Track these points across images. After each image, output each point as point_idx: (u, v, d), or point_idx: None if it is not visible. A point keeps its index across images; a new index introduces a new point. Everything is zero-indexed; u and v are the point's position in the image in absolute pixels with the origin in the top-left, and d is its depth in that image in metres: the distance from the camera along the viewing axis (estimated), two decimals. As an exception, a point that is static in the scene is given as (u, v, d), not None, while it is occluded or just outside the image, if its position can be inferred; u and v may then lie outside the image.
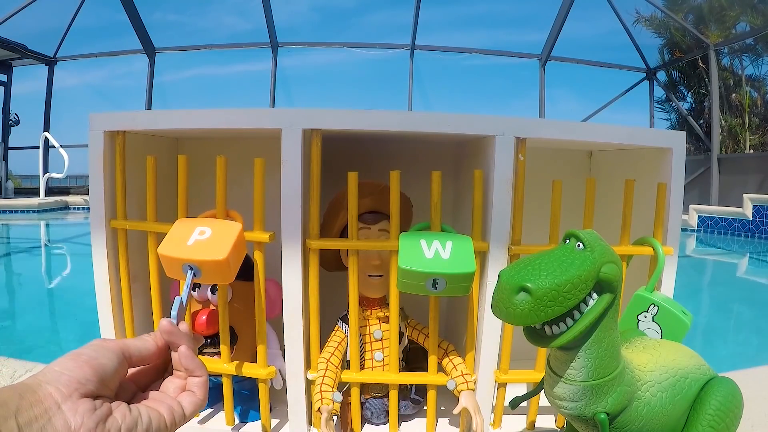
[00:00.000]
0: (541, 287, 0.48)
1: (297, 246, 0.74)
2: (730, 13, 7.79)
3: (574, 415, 0.55)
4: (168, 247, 0.66)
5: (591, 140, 0.81)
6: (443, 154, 1.07)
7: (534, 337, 0.53)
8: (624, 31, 8.14)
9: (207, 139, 1.02)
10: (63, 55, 8.09)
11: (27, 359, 1.08)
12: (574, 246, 0.52)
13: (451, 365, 0.80)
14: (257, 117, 0.75)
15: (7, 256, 3.73)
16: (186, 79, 17.03)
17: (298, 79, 12.13)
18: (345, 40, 8.75)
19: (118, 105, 14.88)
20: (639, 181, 0.80)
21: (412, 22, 7.94)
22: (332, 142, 0.81)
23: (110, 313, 0.81)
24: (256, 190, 0.73)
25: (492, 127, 0.75)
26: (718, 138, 7.10)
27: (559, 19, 7.57)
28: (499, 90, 15.85)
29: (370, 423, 0.85)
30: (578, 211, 0.78)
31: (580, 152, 1.10)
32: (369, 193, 0.81)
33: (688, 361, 0.61)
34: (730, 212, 5.06)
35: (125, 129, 0.79)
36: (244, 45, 8.48)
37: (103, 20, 10.24)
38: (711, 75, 7.17)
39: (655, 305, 0.74)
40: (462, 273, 0.68)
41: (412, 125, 0.75)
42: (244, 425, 0.82)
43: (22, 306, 2.47)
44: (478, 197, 0.77)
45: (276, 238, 0.75)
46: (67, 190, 7.91)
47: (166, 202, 0.87)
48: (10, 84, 7.89)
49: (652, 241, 0.79)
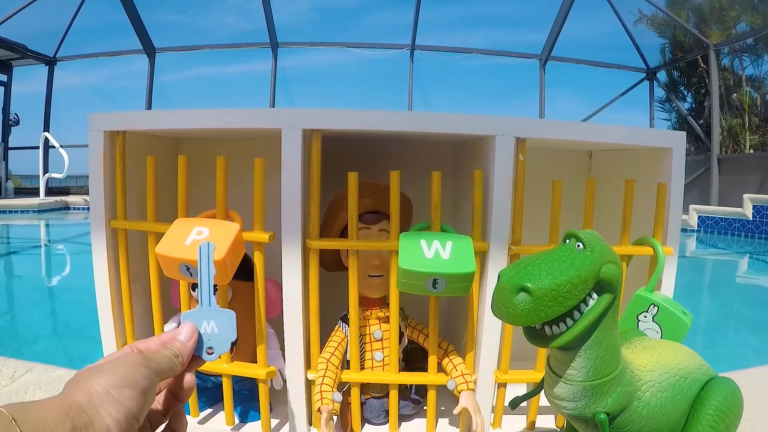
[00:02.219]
0: (540, 287, 0.48)
1: (297, 246, 0.74)
2: (731, 13, 7.78)
3: (574, 415, 0.55)
4: (166, 247, 0.66)
5: (591, 140, 0.81)
6: (443, 154, 1.07)
7: (534, 337, 0.53)
8: (624, 31, 8.14)
9: (207, 139, 1.02)
10: (63, 55, 8.08)
11: (27, 359, 1.08)
12: (574, 246, 0.52)
13: (451, 365, 0.80)
14: (257, 117, 0.75)
15: (7, 256, 3.73)
16: (186, 79, 17.03)
17: (298, 79, 12.14)
18: (345, 40, 8.75)
19: (118, 105, 14.88)
20: (639, 181, 0.80)
21: (412, 22, 7.94)
22: (332, 142, 0.81)
23: (110, 313, 0.81)
24: (256, 190, 0.73)
25: (492, 127, 0.75)
26: (718, 138, 7.09)
27: (559, 19, 7.56)
28: (499, 90, 15.82)
29: (370, 423, 0.85)
30: (578, 211, 0.78)
31: (580, 152, 1.10)
32: (369, 193, 0.81)
33: (688, 361, 0.61)
34: (730, 212, 5.06)
35: (125, 129, 0.79)
36: (244, 45, 8.48)
37: (103, 20, 10.24)
38: (711, 75, 7.17)
39: (655, 305, 0.74)
40: (462, 273, 0.68)
41: (412, 125, 0.75)
42: (244, 425, 0.82)
43: (22, 306, 2.47)
44: (478, 197, 0.77)
45: (276, 238, 0.75)
46: (67, 190, 7.90)
47: (166, 202, 0.87)
48: (10, 84, 7.88)
49: (652, 241, 0.79)
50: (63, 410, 0.29)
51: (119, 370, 0.34)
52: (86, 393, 0.31)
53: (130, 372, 0.34)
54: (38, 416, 0.28)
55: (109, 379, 0.33)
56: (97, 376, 0.33)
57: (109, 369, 0.34)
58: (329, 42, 8.72)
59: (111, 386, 0.32)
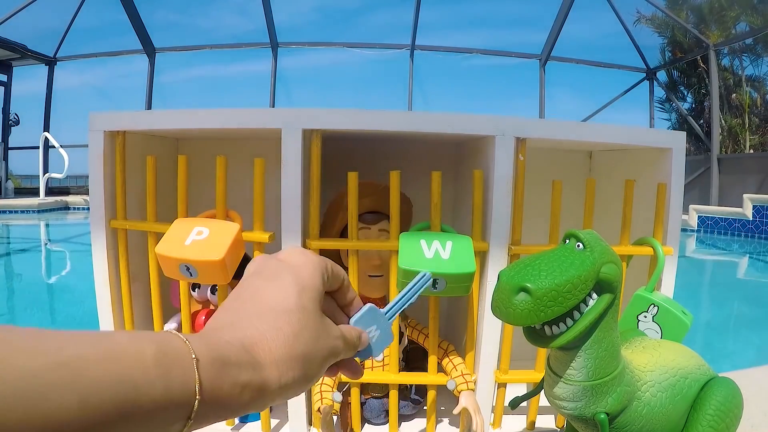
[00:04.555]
0: (540, 287, 0.48)
1: (297, 246, 0.74)
2: (730, 13, 7.79)
3: (574, 415, 0.55)
4: (165, 247, 0.66)
5: (591, 140, 0.81)
6: (443, 154, 1.07)
7: (534, 337, 0.53)
8: (624, 31, 8.14)
9: (207, 139, 1.02)
10: (63, 55, 8.08)
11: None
12: (574, 246, 0.52)
13: (451, 365, 0.80)
14: (257, 117, 0.75)
15: (7, 257, 3.73)
16: (186, 79, 17.03)
17: (298, 79, 12.16)
18: (345, 40, 8.75)
19: (118, 105, 14.87)
20: (639, 181, 0.80)
21: (412, 22, 7.94)
22: (332, 142, 0.81)
23: (110, 313, 0.81)
24: (256, 190, 0.73)
25: (492, 127, 0.75)
26: (718, 138, 7.09)
27: (559, 19, 7.56)
28: (499, 90, 15.83)
29: (370, 423, 0.85)
30: (578, 211, 0.78)
31: (580, 152, 1.10)
32: (369, 193, 0.81)
33: (688, 362, 0.60)
34: (730, 212, 5.06)
35: (125, 129, 0.79)
36: (244, 45, 8.48)
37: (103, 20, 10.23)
38: (711, 75, 7.17)
39: (655, 305, 0.74)
40: (462, 273, 0.68)
41: (412, 125, 0.75)
42: (244, 425, 0.82)
43: (21, 306, 2.47)
44: (478, 197, 0.77)
45: (276, 238, 0.75)
46: (67, 190, 7.90)
47: (166, 202, 0.87)
48: (10, 84, 7.88)
49: (652, 241, 0.79)
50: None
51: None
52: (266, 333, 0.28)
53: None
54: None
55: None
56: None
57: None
58: (329, 42, 8.72)
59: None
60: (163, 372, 0.21)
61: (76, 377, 0.18)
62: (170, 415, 0.21)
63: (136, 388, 0.20)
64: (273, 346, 0.26)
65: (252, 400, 0.25)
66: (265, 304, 0.28)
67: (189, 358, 0.22)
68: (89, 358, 0.19)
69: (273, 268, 0.30)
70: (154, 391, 0.20)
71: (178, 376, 0.22)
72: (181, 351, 0.23)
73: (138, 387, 0.20)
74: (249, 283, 0.30)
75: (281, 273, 0.30)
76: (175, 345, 0.23)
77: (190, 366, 0.22)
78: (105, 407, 0.19)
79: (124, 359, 0.20)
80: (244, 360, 0.25)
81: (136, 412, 0.20)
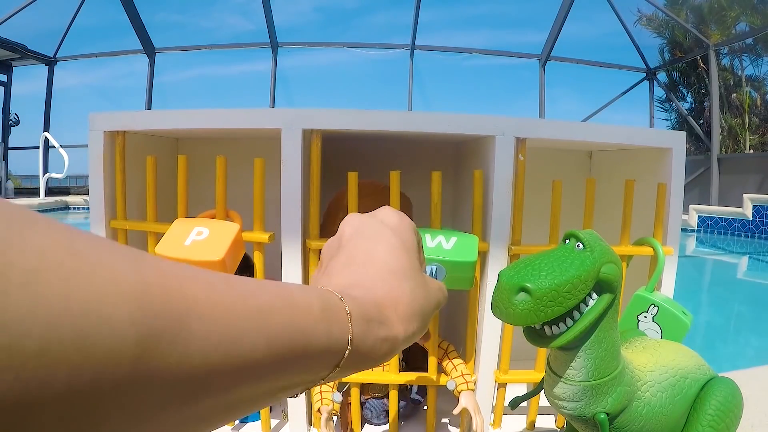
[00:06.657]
0: (540, 287, 0.48)
1: (297, 246, 0.74)
2: (730, 13, 7.79)
3: (574, 415, 0.55)
4: (165, 247, 0.66)
5: (591, 140, 0.81)
6: (443, 154, 1.07)
7: (534, 337, 0.53)
8: (624, 31, 8.14)
9: (207, 139, 1.02)
10: (63, 55, 8.09)
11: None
12: (574, 246, 0.52)
13: (450, 365, 0.80)
14: (257, 117, 0.75)
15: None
16: (186, 79, 17.05)
17: (298, 79, 12.17)
18: (345, 40, 8.76)
19: (118, 105, 14.90)
20: (639, 181, 0.80)
21: (412, 22, 7.94)
22: (332, 142, 0.81)
23: (110, 313, 0.81)
24: (256, 190, 0.73)
25: (492, 127, 0.75)
26: (718, 138, 7.10)
27: (559, 20, 7.57)
28: (499, 90, 15.87)
29: (370, 423, 0.85)
30: (578, 211, 0.78)
31: (580, 152, 1.10)
32: (369, 193, 0.81)
33: (688, 361, 0.60)
34: (730, 212, 5.06)
35: (125, 129, 0.79)
36: (244, 45, 8.48)
37: (103, 20, 10.25)
38: (711, 75, 7.17)
39: (655, 305, 0.74)
40: (462, 261, 0.67)
41: (412, 125, 0.75)
42: (244, 425, 0.82)
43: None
44: (478, 197, 0.77)
45: (276, 238, 0.75)
46: (67, 190, 7.90)
47: (166, 202, 0.87)
48: (10, 84, 7.88)
49: (652, 241, 0.79)
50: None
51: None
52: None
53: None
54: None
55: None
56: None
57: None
58: (329, 42, 8.73)
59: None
60: (326, 324, 0.24)
61: (265, 322, 0.20)
62: (325, 362, 0.24)
63: (306, 336, 0.22)
64: (397, 304, 0.29)
65: (386, 353, 0.28)
66: (382, 266, 0.30)
67: (344, 313, 0.25)
68: (275, 306, 0.21)
69: (375, 229, 0.33)
70: (318, 339, 0.23)
71: (337, 328, 0.24)
72: (338, 306, 0.25)
73: (308, 335, 0.22)
74: (356, 244, 0.32)
75: (385, 233, 0.32)
76: (334, 300, 0.25)
77: (345, 320, 0.25)
78: (283, 351, 0.21)
79: (298, 309, 0.23)
80: (379, 317, 0.28)
81: (304, 357, 0.22)
